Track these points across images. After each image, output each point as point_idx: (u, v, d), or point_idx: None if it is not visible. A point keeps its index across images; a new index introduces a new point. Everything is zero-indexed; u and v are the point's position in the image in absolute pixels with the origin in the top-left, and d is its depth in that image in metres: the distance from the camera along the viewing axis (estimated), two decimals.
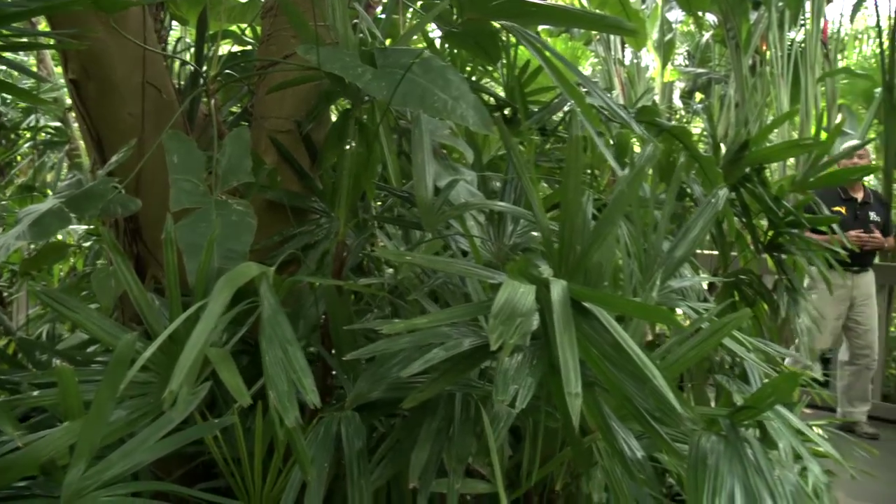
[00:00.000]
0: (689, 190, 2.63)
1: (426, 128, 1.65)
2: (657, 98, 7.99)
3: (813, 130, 7.00)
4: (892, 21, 6.17)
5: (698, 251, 3.33)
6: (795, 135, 6.61)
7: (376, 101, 1.85)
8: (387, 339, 1.23)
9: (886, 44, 6.18)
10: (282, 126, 2.19)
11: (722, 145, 2.86)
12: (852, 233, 5.36)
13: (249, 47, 3.08)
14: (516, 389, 1.05)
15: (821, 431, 3.04)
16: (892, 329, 6.83)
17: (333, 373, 1.79)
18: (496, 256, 1.71)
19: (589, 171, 2.88)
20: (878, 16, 6.67)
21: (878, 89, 6.48)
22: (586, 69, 10.26)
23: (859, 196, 5.57)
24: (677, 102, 9.41)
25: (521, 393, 1.04)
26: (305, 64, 1.76)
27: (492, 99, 2.88)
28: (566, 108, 2.70)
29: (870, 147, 6.75)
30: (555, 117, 2.84)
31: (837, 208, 5.48)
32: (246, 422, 1.59)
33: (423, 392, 1.25)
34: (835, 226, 5.35)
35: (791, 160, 6.22)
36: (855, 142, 6.68)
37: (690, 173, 2.46)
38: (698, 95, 9.44)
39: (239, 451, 1.53)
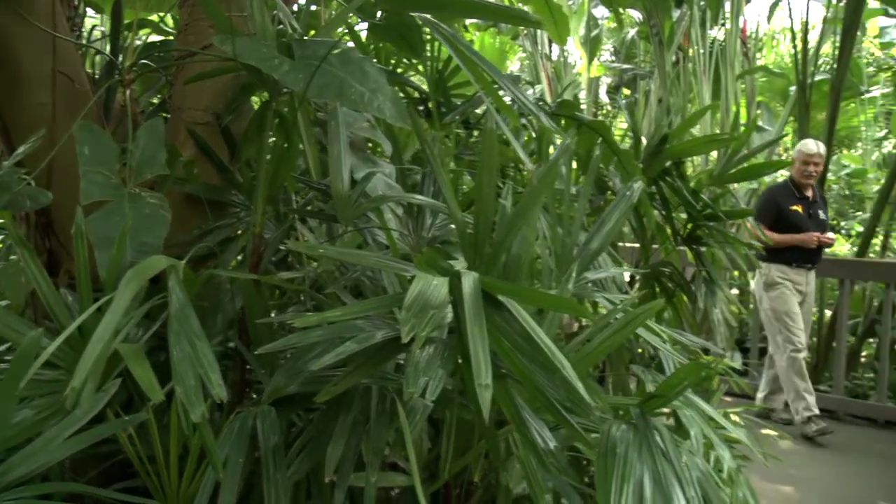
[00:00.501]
0: (610, 183, 2.67)
1: (343, 120, 1.64)
2: (583, 93, 8.09)
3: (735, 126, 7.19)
4: (805, 22, 6.36)
5: (621, 244, 3.39)
6: (718, 130, 6.77)
7: (295, 94, 1.83)
8: (300, 332, 1.22)
9: (800, 44, 6.37)
10: (200, 118, 2.15)
11: (644, 140, 2.91)
12: (830, 235, 5.56)
13: (169, 37, 3.01)
14: (426, 381, 1.05)
15: (737, 419, 3.12)
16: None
17: (251, 368, 1.77)
18: (414, 249, 1.71)
19: (513, 165, 2.90)
20: (791, 18, 6.89)
21: (794, 87, 6.67)
22: (514, 64, 10.34)
23: (810, 195, 5.68)
24: (604, 98, 9.55)
25: (431, 385, 1.04)
26: (224, 55, 1.73)
27: (416, 92, 2.88)
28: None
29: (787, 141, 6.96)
30: (479, 110, 2.85)
31: (795, 207, 5.59)
32: (164, 419, 1.56)
33: (337, 385, 1.24)
34: (797, 222, 5.48)
35: (714, 155, 6.37)
36: (771, 137, 6.86)
37: (610, 167, 2.49)
38: (625, 91, 9.59)
39: (154, 449, 1.50)
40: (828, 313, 6.76)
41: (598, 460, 1.13)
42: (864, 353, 7.10)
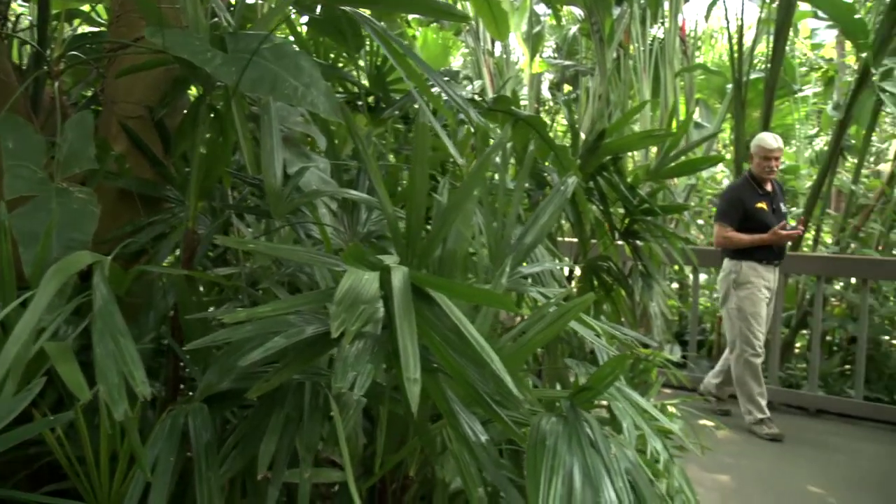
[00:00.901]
0: (548, 178, 2.69)
1: (276, 114, 1.62)
2: (526, 89, 8.14)
3: (673, 123, 7.31)
4: (740, 22, 6.48)
5: (561, 239, 3.43)
6: (657, 127, 6.88)
7: (229, 88, 1.80)
8: (230, 328, 1.21)
9: (735, 44, 6.50)
10: (133, 111, 2.10)
11: (584, 135, 2.95)
12: (801, 229, 5.53)
13: (101, 28, 2.95)
14: (355, 376, 1.04)
15: (674, 410, 3.18)
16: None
17: (183, 365, 1.75)
18: (349, 244, 1.70)
19: (453, 160, 2.90)
20: (727, 18, 7.02)
21: (731, 85, 6.81)
22: (457, 59, 10.36)
23: (770, 188, 5.63)
24: (546, 94, 9.62)
25: (359, 380, 1.04)
26: (156, 47, 1.70)
27: (355, 87, 2.87)
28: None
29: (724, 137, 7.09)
30: (418, 105, 2.84)
31: (760, 205, 5.50)
32: (95, 419, 1.52)
33: (268, 381, 1.23)
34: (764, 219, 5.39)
35: (654, 151, 6.47)
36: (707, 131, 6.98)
37: (548, 162, 2.52)
38: (567, 87, 9.68)
39: (84, 450, 1.46)
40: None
41: (527, 452, 1.13)
42: (797, 345, 7.28)
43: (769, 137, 5.58)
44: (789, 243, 5.72)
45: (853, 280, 6.64)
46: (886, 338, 6.59)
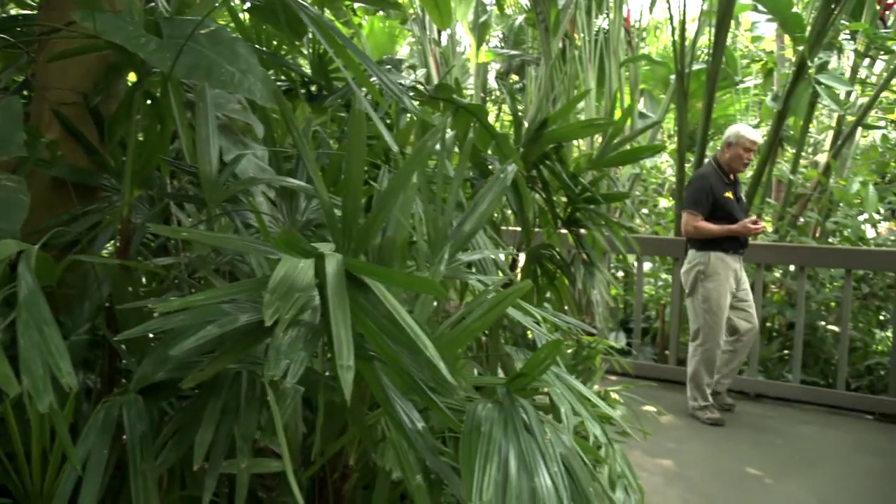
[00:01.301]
0: (491, 167, 2.69)
1: (211, 101, 1.60)
2: (472, 79, 8.16)
3: (618, 112, 7.39)
4: (683, 14, 6.57)
5: (505, 227, 3.44)
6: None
7: (166, 74, 1.77)
8: (162, 317, 1.19)
9: (678, 35, 6.58)
10: (66, 98, 2.05)
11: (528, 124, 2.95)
12: (762, 224, 5.44)
13: (32, 11, 2.87)
14: (288, 364, 1.04)
15: (617, 396, 3.22)
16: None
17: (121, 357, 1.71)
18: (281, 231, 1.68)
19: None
20: (670, 10, 7.12)
21: (674, 76, 6.90)
22: (404, 48, 10.32)
23: (732, 178, 5.67)
24: (493, 83, 9.65)
25: (292, 367, 1.03)
26: (90, 31, 1.66)
27: (298, 75, 2.83)
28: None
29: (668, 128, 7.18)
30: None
31: (727, 194, 5.52)
32: (26, 413, 1.49)
33: (203, 371, 1.21)
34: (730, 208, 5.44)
35: (599, 140, 6.53)
36: (651, 120, 7.05)
37: (489, 151, 2.52)
38: (514, 77, 9.71)
39: (14, 445, 1.43)
40: None
41: (463, 439, 1.14)
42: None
43: (751, 130, 5.61)
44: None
45: (791, 267, 6.78)
46: (822, 323, 6.76)
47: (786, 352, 6.70)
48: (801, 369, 6.04)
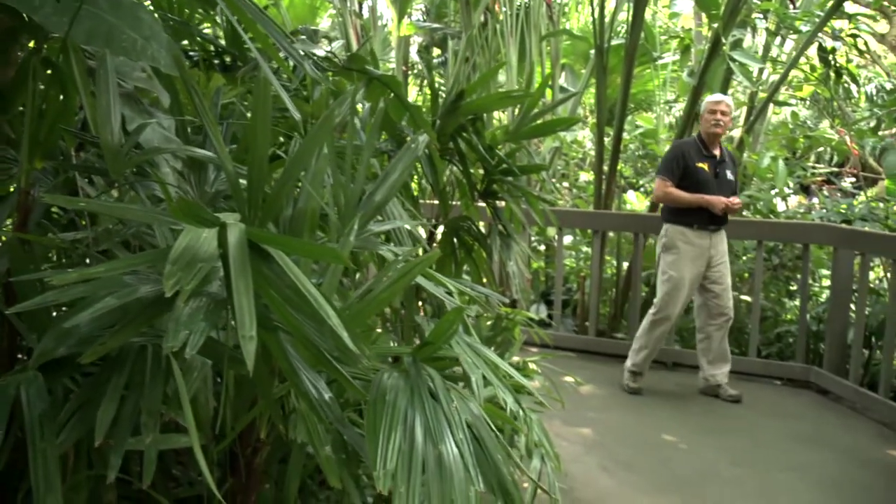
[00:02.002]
0: (407, 139, 2.68)
1: (112, 68, 1.55)
2: (394, 52, 8.10)
3: (537, 86, 7.43)
4: None
5: (423, 200, 3.44)
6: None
7: (65, 40, 1.71)
8: (58, 289, 1.15)
9: (597, 10, 6.65)
10: None
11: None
12: (734, 199, 5.30)
13: None
14: (187, 335, 1.02)
15: (535, 367, 3.27)
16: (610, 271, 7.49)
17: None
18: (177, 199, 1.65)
19: (313, 121, 2.85)
20: None
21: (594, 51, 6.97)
22: (325, 20, 10.18)
23: (717, 153, 5.49)
24: (415, 57, 9.59)
25: (192, 339, 1.01)
26: None
27: (211, 45, 2.77)
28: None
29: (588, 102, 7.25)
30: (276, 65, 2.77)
31: (701, 165, 5.38)
32: None
33: (104, 345, 1.18)
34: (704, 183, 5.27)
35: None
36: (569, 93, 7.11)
37: (404, 122, 2.51)
38: (436, 50, 9.68)
39: None
40: (626, 266, 7.17)
41: (367, 408, 1.14)
42: None
43: (716, 95, 5.59)
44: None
45: None
46: (736, 293, 6.96)
47: None
48: None
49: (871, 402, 5.23)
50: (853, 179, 9.76)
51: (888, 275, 5.67)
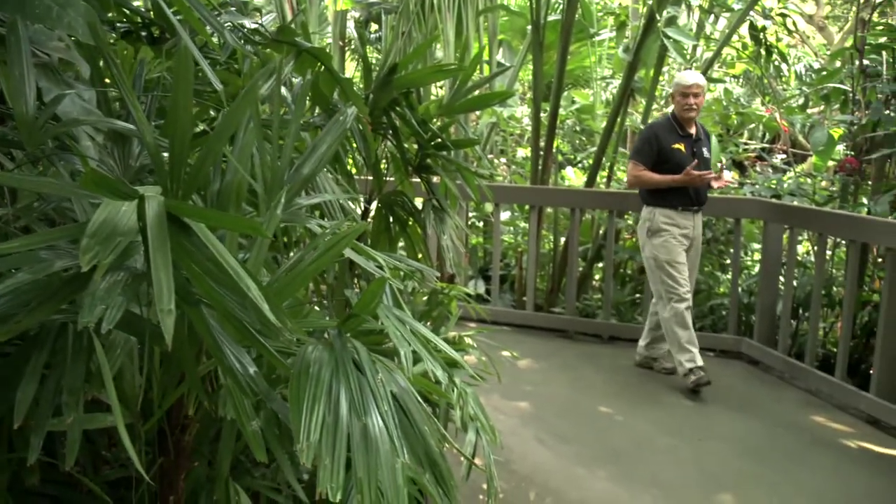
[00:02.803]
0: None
1: (26, 36, 1.49)
2: (330, 27, 7.99)
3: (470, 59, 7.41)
4: None
5: (359, 176, 3.41)
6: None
7: None
8: None
9: None
10: None
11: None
12: (725, 178, 5.20)
13: None
14: (103, 310, 0.99)
15: (471, 341, 3.28)
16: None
17: None
18: (122, 178, 1.61)
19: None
20: None
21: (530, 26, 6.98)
22: None
23: (693, 132, 5.31)
24: (352, 31, 9.48)
25: (108, 314, 0.99)
26: None
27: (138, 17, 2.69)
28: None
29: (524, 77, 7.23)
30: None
31: (677, 145, 5.20)
32: None
33: (18, 323, 1.15)
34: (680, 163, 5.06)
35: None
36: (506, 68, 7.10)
37: (335, 95, 2.48)
38: (374, 26, 9.57)
39: None
40: (562, 241, 7.23)
41: (291, 382, 1.13)
42: (596, 277, 7.71)
43: (686, 74, 5.34)
44: (716, 187, 5.33)
45: None
46: None
47: (637, 295, 7.00)
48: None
49: (799, 372, 5.39)
50: (783, 156, 9.97)
51: (815, 248, 5.82)
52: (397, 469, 1.12)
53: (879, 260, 5.75)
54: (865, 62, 6.19)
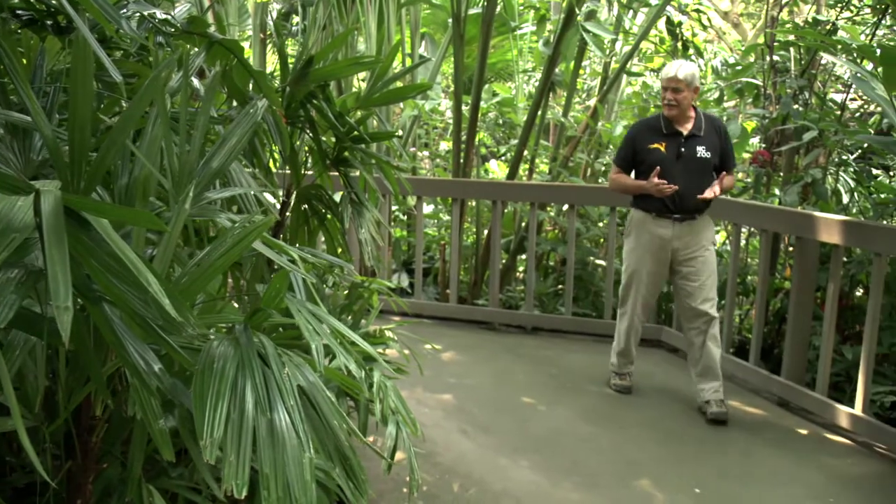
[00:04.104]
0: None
1: None
2: (251, 19, 7.87)
3: (399, 56, 7.40)
4: None
5: (276, 170, 3.38)
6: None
7: None
8: None
9: None
10: None
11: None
12: (714, 190, 4.57)
13: None
14: None
15: (392, 334, 3.29)
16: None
17: None
18: (22, 172, 1.56)
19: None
20: None
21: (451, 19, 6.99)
22: None
23: (686, 129, 4.67)
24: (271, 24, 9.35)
25: (1, 312, 0.96)
26: None
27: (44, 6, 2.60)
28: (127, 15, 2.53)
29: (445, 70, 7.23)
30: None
31: (655, 145, 4.67)
32: None
33: None
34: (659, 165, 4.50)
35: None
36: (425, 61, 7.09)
37: (249, 88, 2.45)
38: (295, 18, 9.46)
39: None
40: (485, 233, 7.28)
41: (195, 378, 1.11)
42: (519, 269, 7.79)
43: (668, 66, 4.72)
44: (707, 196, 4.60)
45: (564, 206, 7.15)
46: (592, 258, 7.21)
47: (560, 286, 7.10)
48: (572, 302, 6.42)
49: None
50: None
51: (730, 238, 5.99)
52: (304, 464, 1.11)
53: (790, 248, 5.94)
54: (775, 58, 6.39)
